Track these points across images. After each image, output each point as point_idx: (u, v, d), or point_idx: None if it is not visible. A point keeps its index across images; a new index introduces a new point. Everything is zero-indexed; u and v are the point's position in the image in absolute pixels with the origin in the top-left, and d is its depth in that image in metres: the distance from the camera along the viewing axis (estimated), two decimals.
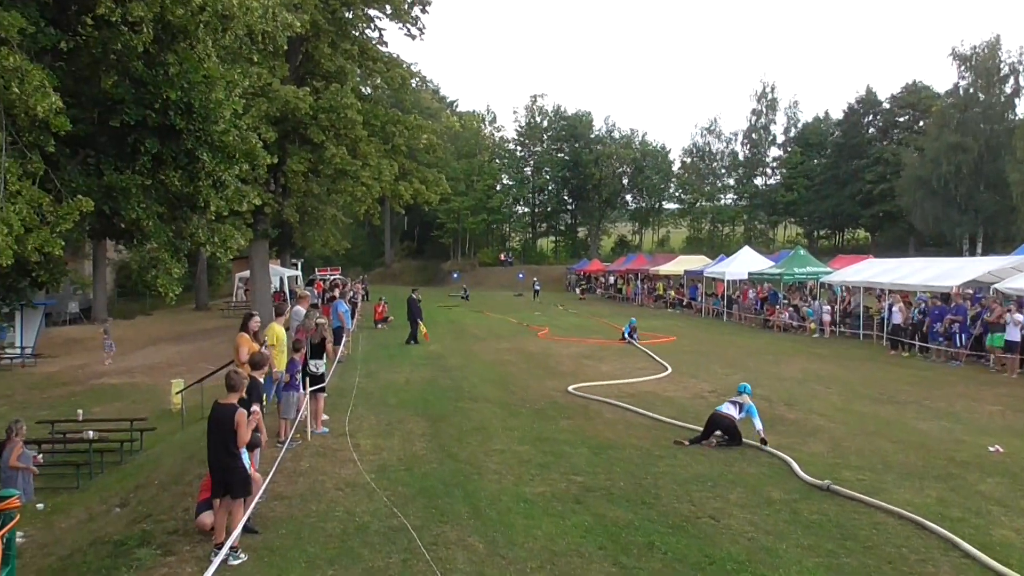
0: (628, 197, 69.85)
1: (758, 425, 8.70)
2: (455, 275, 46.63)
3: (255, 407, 6.46)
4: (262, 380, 7.02)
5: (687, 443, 8.67)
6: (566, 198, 71.16)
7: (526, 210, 72.85)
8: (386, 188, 22.20)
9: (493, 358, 15.69)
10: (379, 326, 22.32)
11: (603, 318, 25.86)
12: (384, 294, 35.89)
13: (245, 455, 5.95)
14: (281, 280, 33.68)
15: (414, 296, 18.49)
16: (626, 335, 18.78)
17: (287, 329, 9.02)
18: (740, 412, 8.76)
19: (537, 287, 40.34)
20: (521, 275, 46.85)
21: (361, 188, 21.09)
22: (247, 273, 28.91)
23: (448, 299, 42.26)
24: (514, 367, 14.46)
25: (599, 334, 20.69)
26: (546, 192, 70.55)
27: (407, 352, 16.63)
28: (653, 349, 17.14)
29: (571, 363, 15.03)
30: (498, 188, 68.10)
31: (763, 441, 8.56)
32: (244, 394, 6.14)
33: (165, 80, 8.90)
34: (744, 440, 8.73)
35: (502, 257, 60.81)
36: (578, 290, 46.15)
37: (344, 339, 14.63)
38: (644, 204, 68.88)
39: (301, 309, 11.03)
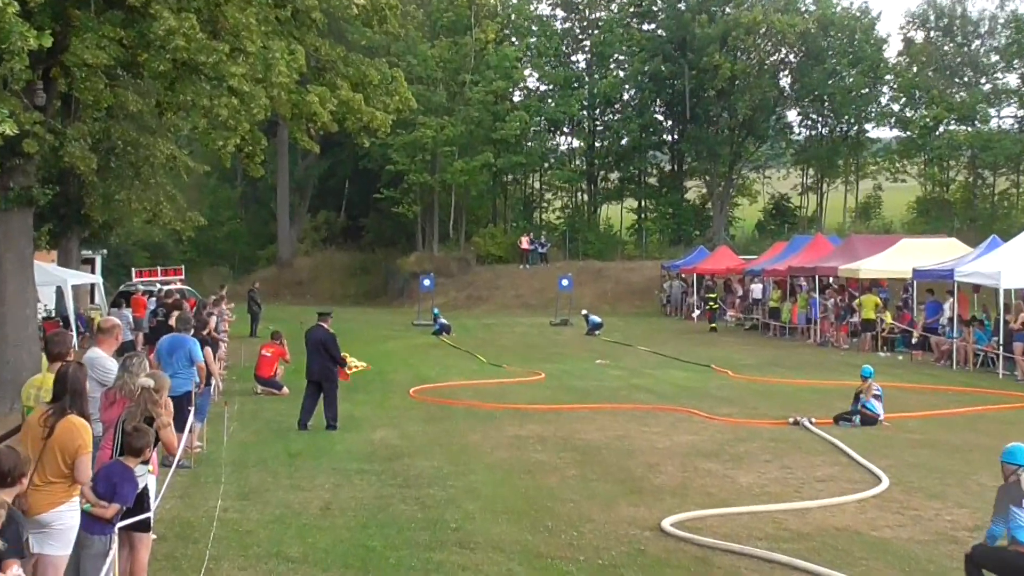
0: (792, 116, 70.19)
1: None
2: (426, 281, 46.88)
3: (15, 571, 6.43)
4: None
5: None
6: (659, 119, 71.67)
7: (576, 145, 73.43)
8: (280, 101, 22.36)
9: (510, 457, 15.68)
10: (261, 390, 22.86)
11: (772, 372, 25.88)
12: (281, 319, 35.88)
13: None
14: (60, 293, 34.00)
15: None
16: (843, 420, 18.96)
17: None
18: None
19: (594, 319, 40.59)
20: (566, 281, 47.05)
21: (228, 101, 21.22)
22: None
23: (411, 330, 42.86)
24: (554, 475, 14.41)
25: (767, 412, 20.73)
26: (619, 108, 71.14)
27: (327, 443, 16.77)
28: (848, 439, 17.12)
29: (676, 466, 14.96)
30: (517, 99, 68.61)
31: None
32: None
33: None
34: None
35: (525, 244, 61.13)
36: (697, 312, 46.94)
37: (193, 420, 14.64)
38: (826, 130, 68.99)
39: (103, 355, 11.12)
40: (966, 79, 63.21)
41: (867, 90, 64.43)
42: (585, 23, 70.54)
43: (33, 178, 22.09)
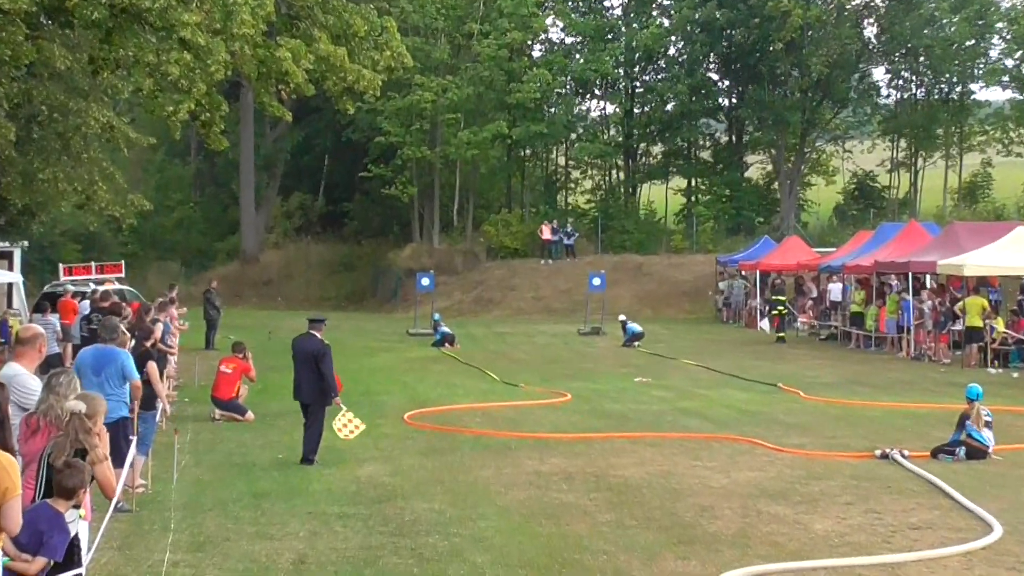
0: (880, 74, 69.93)
1: None
2: (424, 280, 46.84)
3: None
4: None
5: None
6: (713, 78, 71.52)
7: (610, 111, 73.32)
8: (244, 57, 22.38)
9: (528, 498, 15.68)
10: (220, 415, 22.85)
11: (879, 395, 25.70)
12: (245, 327, 35.84)
13: None
14: None
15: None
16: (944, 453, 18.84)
17: None
18: None
19: (633, 328, 40.63)
20: (597, 279, 46.95)
21: (179, 57, 21.25)
22: None
23: (406, 340, 43.02)
24: (583, 521, 14.38)
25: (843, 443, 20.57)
26: (663, 65, 70.95)
27: (301, 480, 16.80)
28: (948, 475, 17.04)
29: (735, 509, 14.94)
30: (536, 54, 68.50)
31: None
32: None
33: None
34: None
35: (547, 234, 61.13)
36: (766, 321, 46.93)
37: (135, 453, 14.62)
38: (922, 91, 68.70)
39: (23, 371, 11.14)
40: None
41: (973, 41, 64.17)
42: None
43: None
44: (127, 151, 39.08)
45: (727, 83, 71.94)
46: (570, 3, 67.69)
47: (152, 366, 16.37)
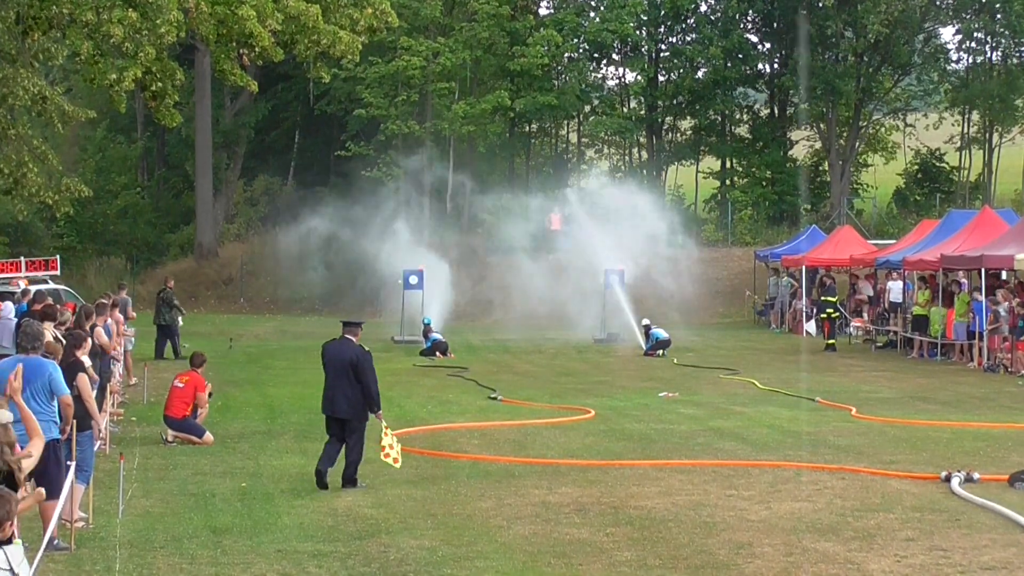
0: (948, 35, 69.81)
1: None
2: (412, 279, 46.82)
3: None
4: None
5: None
6: (752, 40, 71.50)
7: (631, 79, 73.21)
8: (200, 15, 22.45)
9: (534, 534, 15.72)
10: (172, 437, 22.83)
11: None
12: (202, 335, 35.90)
13: None
14: None
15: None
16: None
17: None
18: None
19: (658, 334, 40.66)
20: (615, 277, 46.92)
21: (122, 15, 21.31)
22: None
23: (391, 349, 43.05)
24: (600, 559, 14.43)
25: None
26: (693, 25, 70.91)
27: (267, 514, 16.84)
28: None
29: (777, 547, 14.98)
30: (543, 12, 68.41)
31: None
32: None
33: None
34: None
35: (556, 224, 61.11)
36: (812, 324, 47.05)
37: (73, 480, 14.65)
38: (998, 56, 68.69)
39: None
40: None
41: None
42: None
43: None
44: (62, 127, 39.05)
45: (768, 46, 71.99)
46: None
47: (83, 379, 16.12)
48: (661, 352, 40.04)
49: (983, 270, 36.31)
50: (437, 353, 39.88)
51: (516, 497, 17.90)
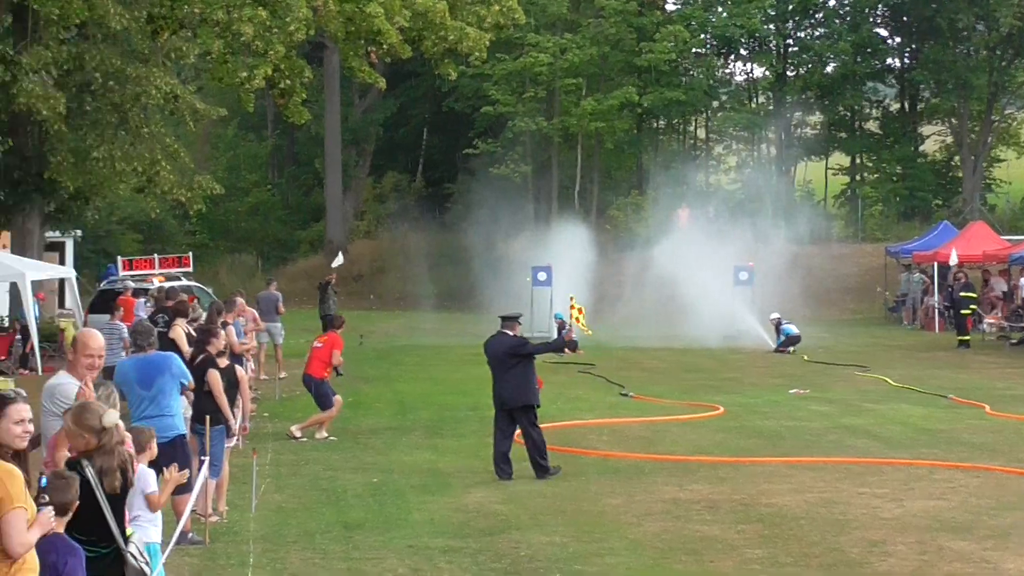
0: None
1: None
2: (540, 275, 46.83)
3: None
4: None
5: None
6: (881, 34, 70.77)
7: (759, 74, 72.94)
8: (329, 13, 22.59)
9: (665, 531, 15.71)
10: (299, 435, 22.85)
11: None
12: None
13: None
14: (16, 291, 34.93)
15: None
16: None
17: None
18: None
19: (789, 330, 40.52)
20: (744, 273, 46.68)
21: (252, 14, 21.50)
22: None
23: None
24: (731, 557, 14.40)
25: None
26: (822, 19, 70.30)
27: (399, 510, 16.89)
28: None
29: (910, 545, 14.88)
30: (671, 8, 68.31)
31: None
32: None
33: None
34: None
35: (684, 220, 60.77)
36: (948, 320, 46.09)
37: (205, 475, 14.77)
38: None
39: (68, 381, 11.18)
40: None
41: None
42: None
43: None
44: (193, 125, 39.45)
45: (898, 40, 71.10)
46: None
47: (214, 375, 16.25)
48: (792, 349, 39.75)
49: None
50: (567, 350, 39.87)
51: (646, 494, 17.92)
